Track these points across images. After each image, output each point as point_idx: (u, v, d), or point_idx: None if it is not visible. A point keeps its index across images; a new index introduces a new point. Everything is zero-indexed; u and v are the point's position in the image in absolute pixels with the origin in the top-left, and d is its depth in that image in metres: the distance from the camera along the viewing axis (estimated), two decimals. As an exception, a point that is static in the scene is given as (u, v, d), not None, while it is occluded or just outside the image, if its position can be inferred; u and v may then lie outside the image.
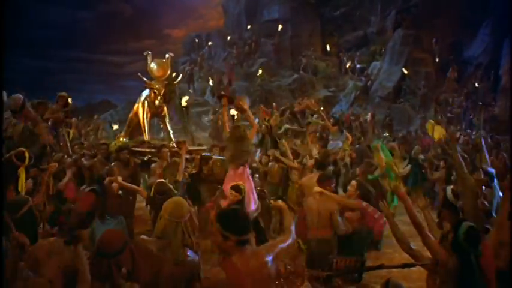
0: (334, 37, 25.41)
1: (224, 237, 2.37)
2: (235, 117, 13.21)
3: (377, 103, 20.10)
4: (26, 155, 4.49)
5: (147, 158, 7.65)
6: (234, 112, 11.58)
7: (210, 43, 27.33)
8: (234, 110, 9.14)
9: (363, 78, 21.47)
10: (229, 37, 26.28)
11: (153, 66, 8.22)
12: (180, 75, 11.04)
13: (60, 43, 29.48)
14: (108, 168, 6.23)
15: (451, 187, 4.76)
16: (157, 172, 6.62)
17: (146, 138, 8.35)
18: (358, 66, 22.62)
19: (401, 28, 21.28)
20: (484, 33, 19.68)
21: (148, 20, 34.50)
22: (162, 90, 8.06)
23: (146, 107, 8.23)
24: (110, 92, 33.40)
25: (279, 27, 24.33)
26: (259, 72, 22.75)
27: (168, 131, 8.59)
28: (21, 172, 4.43)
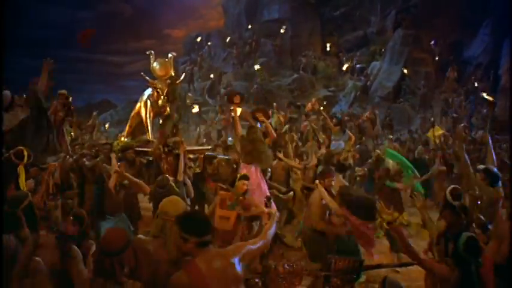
0: (334, 37, 25.39)
1: (184, 239, 2.37)
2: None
3: (377, 103, 20.07)
4: (25, 153, 4.49)
5: (152, 158, 7.60)
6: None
7: (210, 43, 27.34)
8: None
9: (363, 78, 21.46)
10: (228, 38, 26.24)
11: (156, 65, 8.21)
12: (182, 75, 11.05)
13: (60, 43, 29.43)
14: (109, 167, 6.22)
15: (451, 187, 4.76)
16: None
17: (150, 137, 8.35)
18: (358, 66, 22.61)
19: (401, 28, 21.28)
20: (484, 33, 19.66)
21: (148, 20, 34.50)
22: (165, 90, 8.06)
23: (149, 106, 8.24)
24: (110, 92, 33.48)
25: (282, 30, 24.28)
26: (257, 67, 22.71)
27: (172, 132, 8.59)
28: (21, 170, 4.43)
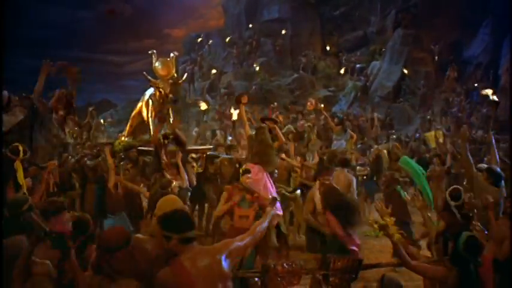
0: (334, 37, 25.39)
1: (166, 238, 2.38)
2: (235, 123, 13.32)
3: (377, 103, 20.12)
4: (20, 148, 4.49)
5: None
6: (234, 117, 11.74)
7: (210, 42, 27.33)
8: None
9: (362, 78, 21.46)
10: (228, 38, 26.21)
11: (158, 65, 8.08)
12: (185, 74, 11.02)
13: (60, 43, 29.47)
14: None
15: (452, 188, 4.76)
16: None
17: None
18: (358, 66, 22.61)
19: (400, 28, 21.28)
20: (483, 33, 19.66)
21: (148, 20, 34.49)
22: (168, 89, 8.05)
23: (151, 106, 8.17)
24: (110, 92, 33.45)
25: (283, 31, 24.26)
26: (257, 68, 22.76)
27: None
28: (18, 166, 4.40)
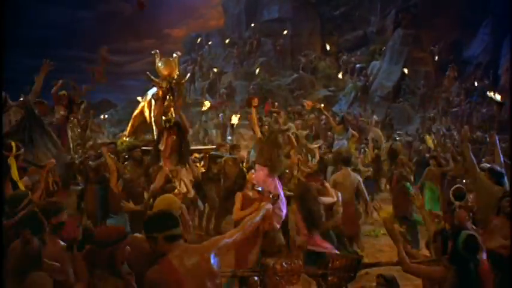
0: (334, 36, 25.36)
1: (151, 239, 2.38)
2: (234, 126, 13.44)
3: (376, 102, 20.13)
4: (13, 144, 4.49)
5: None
6: (234, 120, 11.88)
7: (210, 42, 27.34)
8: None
9: (362, 77, 21.47)
10: (227, 40, 26.17)
11: (160, 65, 8.05)
12: (188, 74, 10.98)
13: (60, 43, 29.48)
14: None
15: (455, 187, 4.78)
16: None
17: (155, 137, 8.27)
18: (358, 66, 22.60)
19: (400, 28, 21.28)
20: (483, 33, 19.68)
21: (148, 20, 34.44)
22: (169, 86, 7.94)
23: (153, 105, 8.08)
24: (110, 92, 33.36)
25: (284, 32, 24.23)
26: (257, 71, 22.81)
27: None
28: (12, 162, 4.39)
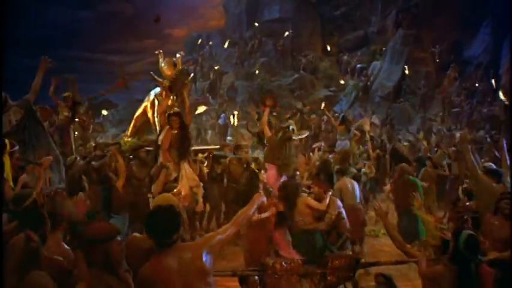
0: (335, 37, 25.36)
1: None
2: (234, 120, 13.48)
3: (377, 103, 20.15)
4: (6, 141, 4.48)
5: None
6: (233, 121, 11.97)
7: (211, 43, 27.33)
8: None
9: (363, 78, 21.49)
10: (226, 43, 26.11)
11: (164, 65, 8.00)
12: (191, 74, 10.95)
13: (60, 43, 29.49)
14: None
15: (464, 186, 4.78)
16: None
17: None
18: (358, 66, 22.61)
19: (401, 28, 21.29)
20: (484, 33, 19.69)
21: (149, 20, 34.44)
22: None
23: (157, 105, 8.01)
24: (110, 92, 33.43)
25: (286, 33, 24.20)
26: (257, 72, 22.86)
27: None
28: (6, 159, 4.38)
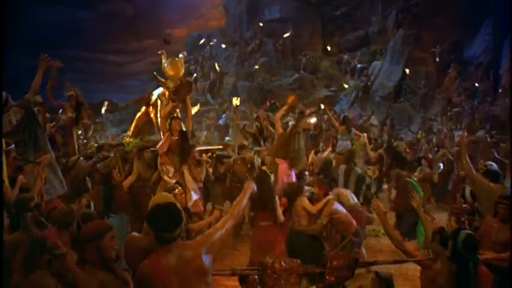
0: (335, 37, 25.34)
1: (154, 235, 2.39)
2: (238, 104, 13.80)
3: (377, 102, 20.14)
4: (3, 141, 4.47)
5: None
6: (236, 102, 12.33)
7: (212, 43, 27.34)
8: None
9: (363, 78, 21.48)
10: (227, 40, 26.12)
11: (167, 65, 7.91)
12: (194, 74, 10.93)
13: (60, 43, 29.53)
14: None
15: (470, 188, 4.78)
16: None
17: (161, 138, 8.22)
18: (359, 66, 22.60)
19: (401, 28, 21.28)
20: (484, 33, 19.66)
21: (149, 20, 34.52)
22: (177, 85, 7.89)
23: (159, 106, 7.98)
24: (111, 92, 33.47)
25: (285, 34, 24.17)
26: (256, 67, 22.86)
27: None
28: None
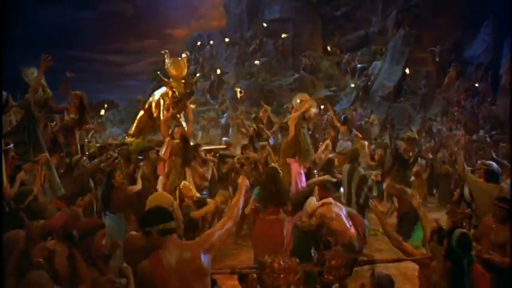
0: (335, 37, 25.36)
1: (147, 234, 2.40)
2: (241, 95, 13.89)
3: (377, 102, 20.14)
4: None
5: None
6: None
7: (212, 42, 27.36)
8: None
9: (363, 78, 21.48)
10: (227, 39, 26.11)
11: (170, 65, 8.01)
12: (197, 74, 10.94)
13: (60, 43, 29.53)
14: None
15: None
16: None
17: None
18: (359, 66, 22.60)
19: (402, 28, 21.29)
20: (484, 33, 19.65)
21: (150, 20, 34.52)
22: (180, 89, 7.87)
23: (162, 105, 8.05)
24: (111, 92, 33.50)
25: (285, 35, 24.17)
26: (256, 62, 22.91)
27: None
28: None
